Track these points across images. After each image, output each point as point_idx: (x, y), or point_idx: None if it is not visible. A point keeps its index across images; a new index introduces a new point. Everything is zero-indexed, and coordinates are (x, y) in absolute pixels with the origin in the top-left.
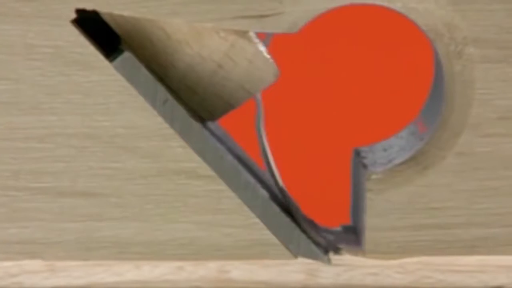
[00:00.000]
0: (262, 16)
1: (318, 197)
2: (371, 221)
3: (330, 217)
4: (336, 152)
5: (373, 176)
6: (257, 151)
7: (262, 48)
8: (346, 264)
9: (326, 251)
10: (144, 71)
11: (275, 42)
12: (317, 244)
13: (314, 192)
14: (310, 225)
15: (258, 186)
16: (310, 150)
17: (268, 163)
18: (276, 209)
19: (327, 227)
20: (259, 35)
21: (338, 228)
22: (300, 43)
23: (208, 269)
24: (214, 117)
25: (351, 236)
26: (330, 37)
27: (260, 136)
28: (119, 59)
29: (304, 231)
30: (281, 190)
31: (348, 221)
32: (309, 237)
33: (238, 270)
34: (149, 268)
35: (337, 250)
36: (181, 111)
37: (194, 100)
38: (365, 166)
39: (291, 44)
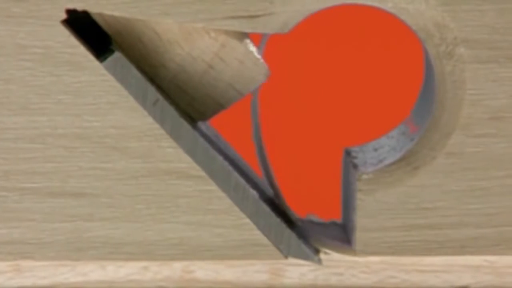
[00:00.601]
0: (252, 17)
1: (309, 196)
2: (361, 221)
3: (320, 217)
4: (327, 151)
5: (364, 176)
6: (248, 151)
7: (252, 48)
8: (311, 264)
9: (316, 251)
10: (134, 71)
11: (266, 42)
12: (307, 244)
13: (304, 192)
14: (300, 226)
15: (249, 187)
16: (301, 150)
17: (263, 163)
18: (266, 209)
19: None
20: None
21: (328, 222)
22: (291, 43)
23: (173, 269)
24: (204, 117)
25: (341, 233)
26: (321, 38)
27: (257, 137)
28: (110, 59)
29: (294, 231)
30: (274, 189)
31: (339, 220)
32: (300, 237)
33: (203, 270)
34: (113, 268)
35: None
36: (171, 111)
37: (184, 100)
38: (355, 166)
39: (282, 44)
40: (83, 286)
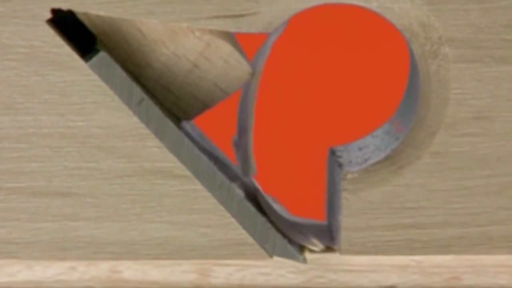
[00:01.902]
0: (237, 16)
1: (293, 196)
2: (346, 221)
3: (305, 216)
4: (311, 151)
5: (349, 176)
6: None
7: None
8: (238, 264)
9: (301, 250)
10: (119, 70)
11: (250, 41)
12: (292, 243)
13: (289, 191)
14: (285, 224)
15: (234, 186)
16: (285, 149)
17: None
18: (251, 209)
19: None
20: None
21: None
22: (276, 43)
23: (100, 269)
24: (189, 116)
25: (325, 233)
26: (305, 37)
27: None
28: (95, 58)
29: (279, 230)
30: (255, 189)
31: (323, 220)
32: (285, 236)
33: (130, 270)
34: (41, 268)
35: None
36: (156, 111)
37: (169, 99)
38: (340, 165)
39: None
40: (11, 286)
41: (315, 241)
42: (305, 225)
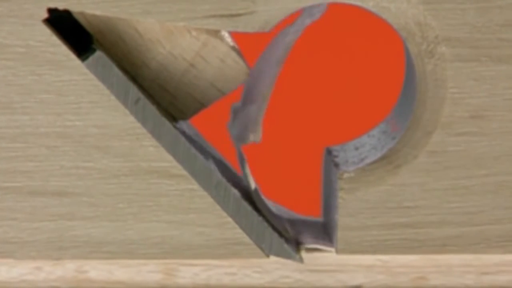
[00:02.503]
0: (234, 16)
1: (288, 195)
2: (343, 220)
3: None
4: (307, 150)
5: (345, 175)
6: (229, 150)
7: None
8: (204, 264)
9: (297, 249)
10: (116, 70)
11: (246, 40)
12: (288, 242)
13: (284, 190)
14: (281, 224)
15: (230, 186)
16: (281, 149)
17: (242, 163)
18: (248, 208)
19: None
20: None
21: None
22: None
23: (66, 269)
24: (186, 116)
25: (321, 232)
26: (301, 36)
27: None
28: (91, 58)
29: (275, 230)
30: (254, 190)
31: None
32: (281, 236)
33: (96, 270)
34: (6, 268)
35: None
36: (153, 110)
37: (166, 99)
38: (337, 165)
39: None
40: None
41: (310, 240)
42: (301, 223)
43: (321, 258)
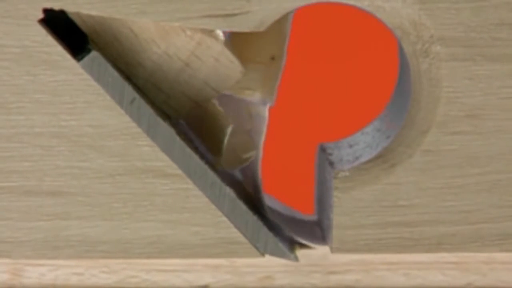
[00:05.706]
0: (229, 15)
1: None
2: (338, 219)
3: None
4: (300, 147)
5: (340, 174)
6: None
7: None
8: (50, 264)
9: (292, 248)
10: (111, 70)
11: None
12: (283, 241)
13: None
14: (277, 224)
15: (225, 185)
16: (274, 145)
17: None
18: (243, 207)
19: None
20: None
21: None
22: None
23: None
24: (181, 115)
25: (315, 230)
26: (296, 35)
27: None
28: (87, 58)
29: (270, 229)
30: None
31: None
32: (276, 235)
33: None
34: None
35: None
36: (148, 110)
37: (161, 98)
38: (331, 163)
39: None
40: None
41: (304, 239)
42: (295, 221)
43: (169, 259)
